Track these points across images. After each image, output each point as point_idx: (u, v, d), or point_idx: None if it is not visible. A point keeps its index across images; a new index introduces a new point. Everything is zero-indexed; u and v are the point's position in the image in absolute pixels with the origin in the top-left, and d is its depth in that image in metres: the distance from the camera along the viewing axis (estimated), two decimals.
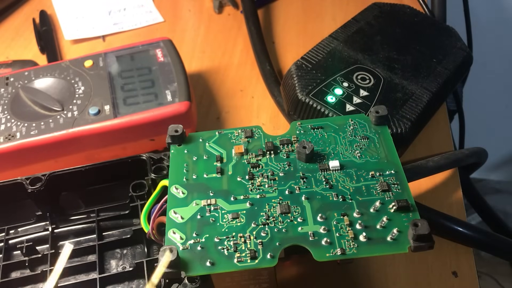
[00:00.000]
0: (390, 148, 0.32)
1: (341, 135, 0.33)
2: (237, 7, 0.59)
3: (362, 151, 0.32)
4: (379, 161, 0.31)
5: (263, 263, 0.26)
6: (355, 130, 0.33)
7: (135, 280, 0.31)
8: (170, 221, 0.29)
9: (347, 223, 0.28)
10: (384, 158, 0.31)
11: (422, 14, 0.50)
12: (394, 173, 0.30)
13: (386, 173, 0.30)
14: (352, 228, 0.28)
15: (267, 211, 0.29)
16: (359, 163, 0.31)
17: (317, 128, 0.34)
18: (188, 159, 0.32)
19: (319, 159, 0.32)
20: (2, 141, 0.38)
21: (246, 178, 0.31)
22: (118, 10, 0.59)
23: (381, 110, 0.33)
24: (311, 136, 0.33)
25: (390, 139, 0.33)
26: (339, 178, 0.30)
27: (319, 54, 0.44)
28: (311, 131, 0.34)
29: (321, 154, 0.32)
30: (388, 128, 0.34)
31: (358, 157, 0.32)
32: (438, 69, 0.43)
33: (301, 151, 0.31)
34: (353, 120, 0.34)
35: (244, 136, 0.33)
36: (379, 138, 0.33)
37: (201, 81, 0.51)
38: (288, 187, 0.30)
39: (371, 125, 0.34)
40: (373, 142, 0.33)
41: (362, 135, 0.33)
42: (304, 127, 0.34)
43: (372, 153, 0.32)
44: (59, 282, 0.31)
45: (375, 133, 0.33)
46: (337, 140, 0.33)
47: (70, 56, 0.53)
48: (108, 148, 0.40)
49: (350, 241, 0.27)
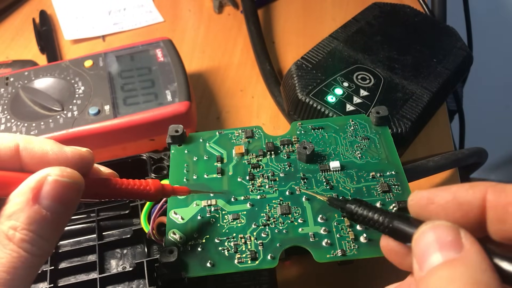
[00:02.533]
0: (391, 149, 0.32)
1: (342, 136, 0.33)
2: (237, 7, 0.59)
3: (363, 152, 0.32)
4: (379, 162, 0.31)
5: (263, 264, 0.26)
6: (355, 131, 0.33)
7: (135, 280, 0.30)
8: (171, 222, 0.29)
9: (348, 224, 0.28)
10: (384, 159, 0.31)
11: (422, 14, 0.50)
12: (394, 174, 0.30)
13: (387, 174, 0.30)
14: (352, 229, 0.28)
15: (267, 212, 0.29)
16: (359, 164, 0.31)
17: (318, 129, 0.34)
18: (189, 159, 0.32)
19: (319, 160, 0.32)
20: None
21: (246, 179, 0.31)
22: (118, 10, 0.59)
23: (381, 110, 0.33)
24: (312, 136, 0.33)
25: (390, 140, 0.33)
26: (339, 178, 0.31)
27: (319, 54, 0.44)
28: (312, 131, 0.34)
29: (322, 154, 0.32)
30: (389, 128, 0.34)
31: (358, 157, 0.32)
32: (438, 69, 0.43)
33: (302, 151, 0.31)
34: (354, 120, 0.34)
35: (245, 137, 0.33)
36: (380, 139, 0.33)
37: (201, 81, 0.51)
38: (289, 187, 0.30)
39: (371, 126, 0.34)
40: (373, 143, 0.33)
41: (362, 135, 0.33)
42: (304, 127, 0.34)
43: (372, 154, 0.32)
44: (59, 282, 0.31)
45: (375, 134, 0.33)
46: (338, 141, 0.33)
47: (70, 56, 0.53)
48: (108, 148, 0.40)
49: (350, 242, 0.27)
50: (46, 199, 0.20)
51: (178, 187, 0.27)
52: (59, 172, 0.21)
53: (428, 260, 0.17)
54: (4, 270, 0.19)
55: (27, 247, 0.19)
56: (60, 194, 0.20)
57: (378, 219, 0.22)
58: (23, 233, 0.19)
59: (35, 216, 0.20)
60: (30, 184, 0.20)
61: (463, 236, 0.17)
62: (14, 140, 0.21)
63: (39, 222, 0.20)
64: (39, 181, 0.20)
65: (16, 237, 0.19)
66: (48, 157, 0.22)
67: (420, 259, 0.18)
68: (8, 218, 0.19)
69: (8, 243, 0.19)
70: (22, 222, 0.19)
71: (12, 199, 0.20)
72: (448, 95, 0.48)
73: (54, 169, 0.21)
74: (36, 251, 0.20)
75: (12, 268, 0.19)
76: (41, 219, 0.20)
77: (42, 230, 0.20)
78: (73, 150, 0.22)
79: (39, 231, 0.20)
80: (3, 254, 0.19)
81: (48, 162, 0.21)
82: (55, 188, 0.20)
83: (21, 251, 0.19)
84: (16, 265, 0.19)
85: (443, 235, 0.17)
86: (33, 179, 0.20)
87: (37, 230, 0.20)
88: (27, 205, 0.20)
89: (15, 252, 0.19)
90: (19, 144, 0.21)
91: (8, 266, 0.19)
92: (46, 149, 0.22)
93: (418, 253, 0.18)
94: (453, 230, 0.17)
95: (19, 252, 0.19)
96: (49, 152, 0.22)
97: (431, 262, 0.17)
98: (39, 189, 0.20)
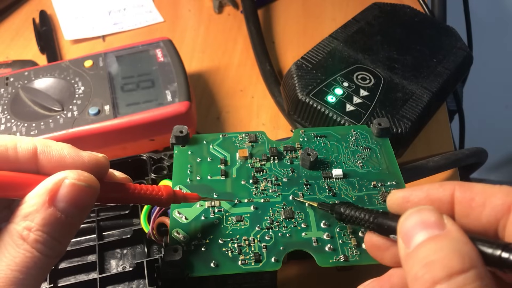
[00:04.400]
0: (391, 159, 0.33)
1: (344, 145, 0.34)
2: (237, 7, 0.59)
3: (364, 161, 0.32)
4: (380, 172, 0.32)
5: (267, 266, 0.27)
6: (357, 141, 0.34)
7: (135, 280, 0.30)
8: (174, 221, 0.29)
9: (350, 230, 0.28)
10: (385, 169, 0.32)
11: (422, 14, 0.50)
12: (395, 184, 0.31)
13: (388, 183, 0.31)
14: (354, 236, 0.28)
15: (271, 215, 0.29)
16: (361, 173, 0.32)
17: (320, 137, 0.34)
18: (192, 160, 0.32)
19: (322, 167, 0.32)
20: None
21: (250, 182, 0.31)
22: (118, 10, 0.59)
23: (383, 122, 0.34)
24: (314, 144, 0.34)
25: (391, 151, 0.33)
26: (342, 186, 0.31)
27: (319, 54, 0.44)
28: (315, 139, 0.34)
29: (325, 162, 0.32)
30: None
31: (360, 166, 0.32)
32: (438, 69, 0.43)
33: (306, 158, 0.31)
34: (355, 130, 0.35)
35: (248, 141, 0.34)
36: (381, 150, 0.33)
37: (201, 81, 0.51)
38: (292, 192, 0.30)
39: (372, 136, 0.34)
40: (374, 153, 0.33)
41: (364, 145, 0.34)
42: (307, 135, 0.34)
43: (374, 164, 0.32)
44: (59, 282, 0.31)
45: (376, 145, 0.34)
46: (340, 149, 0.33)
47: (70, 56, 0.53)
48: (108, 148, 0.40)
49: (353, 248, 0.27)
50: (62, 201, 0.20)
51: (189, 194, 0.28)
52: (76, 176, 0.21)
53: (414, 237, 0.19)
54: (18, 269, 0.19)
55: (40, 247, 0.20)
56: (76, 197, 0.20)
57: (364, 217, 0.24)
58: (37, 234, 0.19)
59: (50, 218, 0.20)
60: (47, 186, 0.20)
61: (444, 218, 0.19)
62: (32, 143, 0.21)
63: (53, 224, 0.20)
64: (57, 183, 0.20)
65: (30, 237, 0.19)
66: (66, 161, 0.22)
67: (406, 238, 0.19)
68: (23, 219, 0.20)
69: (22, 243, 0.19)
70: (37, 223, 0.20)
71: (28, 200, 0.20)
72: (448, 95, 0.48)
73: (72, 173, 0.21)
74: (48, 252, 0.20)
75: (25, 268, 0.19)
76: (55, 221, 0.20)
77: (56, 232, 0.20)
78: (90, 155, 0.23)
79: (53, 233, 0.20)
80: (17, 254, 0.19)
81: (66, 166, 0.22)
82: (72, 192, 0.20)
83: (34, 251, 0.19)
84: (29, 265, 0.19)
85: (427, 216, 0.19)
86: (50, 181, 0.20)
87: (51, 231, 0.20)
88: (43, 206, 0.20)
89: (29, 252, 0.19)
90: (37, 147, 0.21)
91: (21, 265, 0.19)
92: (64, 153, 0.22)
93: (405, 232, 0.19)
94: (435, 212, 0.19)
95: (32, 252, 0.19)
96: (67, 156, 0.22)
97: (417, 239, 0.19)
98: (55, 191, 0.20)
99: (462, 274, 0.17)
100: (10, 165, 0.21)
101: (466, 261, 0.17)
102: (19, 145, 0.21)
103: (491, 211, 0.19)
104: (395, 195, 0.22)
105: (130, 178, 0.26)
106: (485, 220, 0.20)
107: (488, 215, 0.20)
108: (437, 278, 0.17)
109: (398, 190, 0.23)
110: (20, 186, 0.20)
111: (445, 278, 0.17)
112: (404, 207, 0.21)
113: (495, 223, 0.19)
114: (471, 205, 0.20)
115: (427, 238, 0.18)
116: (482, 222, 0.20)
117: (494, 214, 0.19)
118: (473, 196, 0.20)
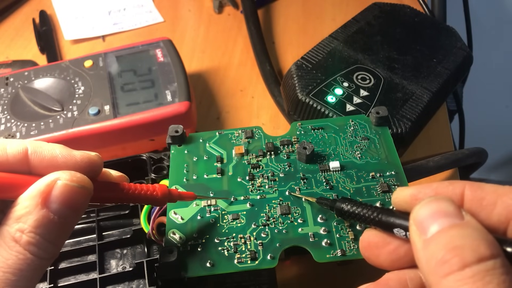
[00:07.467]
0: (391, 149, 0.32)
1: (342, 136, 0.33)
2: (237, 7, 0.59)
3: (363, 152, 0.32)
4: (379, 162, 0.31)
5: (263, 264, 0.26)
6: (355, 131, 0.33)
7: (135, 280, 0.31)
8: (171, 222, 0.29)
9: (347, 224, 0.28)
10: (384, 159, 0.31)
11: (422, 14, 0.50)
12: (394, 174, 0.30)
13: (387, 174, 0.31)
14: (352, 229, 0.28)
15: (267, 212, 0.29)
16: (359, 164, 0.31)
17: (318, 129, 0.34)
18: (189, 160, 0.32)
19: (319, 160, 0.32)
20: None
21: (246, 179, 0.31)
22: (118, 10, 0.59)
23: (381, 111, 0.34)
24: (312, 136, 0.33)
25: (390, 140, 0.33)
26: (339, 179, 0.31)
27: (319, 54, 0.44)
28: (312, 131, 0.34)
29: (322, 154, 0.32)
30: (389, 128, 0.34)
31: (358, 158, 0.32)
32: (438, 69, 0.43)
33: (302, 151, 0.31)
34: (354, 121, 0.34)
35: (245, 137, 0.33)
36: (380, 139, 0.33)
37: (201, 81, 0.51)
38: (289, 187, 0.30)
39: (371, 126, 0.34)
40: (373, 143, 0.33)
41: (362, 136, 0.33)
42: (304, 127, 0.34)
43: (372, 154, 0.32)
44: (59, 282, 0.31)
45: (375, 134, 0.33)
46: (338, 141, 0.33)
47: (70, 56, 0.53)
48: (108, 148, 0.40)
49: (350, 242, 0.27)
50: (55, 203, 0.20)
51: (184, 192, 0.28)
52: (69, 177, 0.21)
53: (432, 225, 0.19)
54: (10, 271, 0.19)
55: (33, 249, 0.19)
56: (69, 199, 0.20)
57: (366, 213, 0.24)
58: (30, 236, 0.19)
59: (43, 219, 0.20)
60: (39, 188, 0.20)
61: (462, 210, 0.19)
62: (22, 145, 0.21)
63: (46, 226, 0.20)
64: (49, 184, 0.20)
65: (23, 239, 0.19)
66: (57, 161, 0.22)
67: (422, 226, 0.19)
68: (16, 221, 0.20)
69: (14, 245, 0.19)
70: (30, 225, 0.19)
71: (21, 201, 0.20)
72: (448, 95, 0.48)
73: (64, 173, 0.21)
74: (42, 254, 0.20)
75: (18, 270, 0.19)
76: (48, 222, 0.20)
77: (49, 233, 0.20)
78: (82, 154, 0.22)
79: (46, 234, 0.20)
80: (9, 256, 0.19)
81: (57, 166, 0.21)
82: (65, 193, 0.20)
83: (27, 253, 0.19)
84: (21, 267, 0.19)
85: (445, 205, 0.19)
86: (42, 182, 0.20)
87: (44, 233, 0.20)
88: (36, 208, 0.20)
89: (21, 254, 0.19)
90: (28, 148, 0.21)
91: (14, 267, 0.19)
92: (56, 153, 0.22)
93: (420, 220, 0.19)
94: (453, 203, 0.19)
95: (25, 254, 0.19)
96: (59, 156, 0.22)
97: (436, 226, 0.19)
98: (48, 193, 0.20)
99: (492, 259, 0.17)
100: (1, 167, 0.21)
101: (493, 248, 0.17)
102: (9, 146, 0.21)
103: (503, 210, 0.20)
104: (402, 192, 0.22)
105: (126, 177, 0.26)
106: (495, 218, 0.20)
107: (499, 214, 0.20)
108: (467, 261, 0.17)
109: (404, 188, 0.23)
110: (12, 186, 0.20)
111: (475, 262, 0.17)
112: (413, 205, 0.21)
113: (506, 222, 0.20)
114: (481, 204, 0.20)
115: (449, 225, 0.18)
116: (492, 221, 0.20)
117: (505, 213, 0.20)
118: (484, 195, 0.20)
